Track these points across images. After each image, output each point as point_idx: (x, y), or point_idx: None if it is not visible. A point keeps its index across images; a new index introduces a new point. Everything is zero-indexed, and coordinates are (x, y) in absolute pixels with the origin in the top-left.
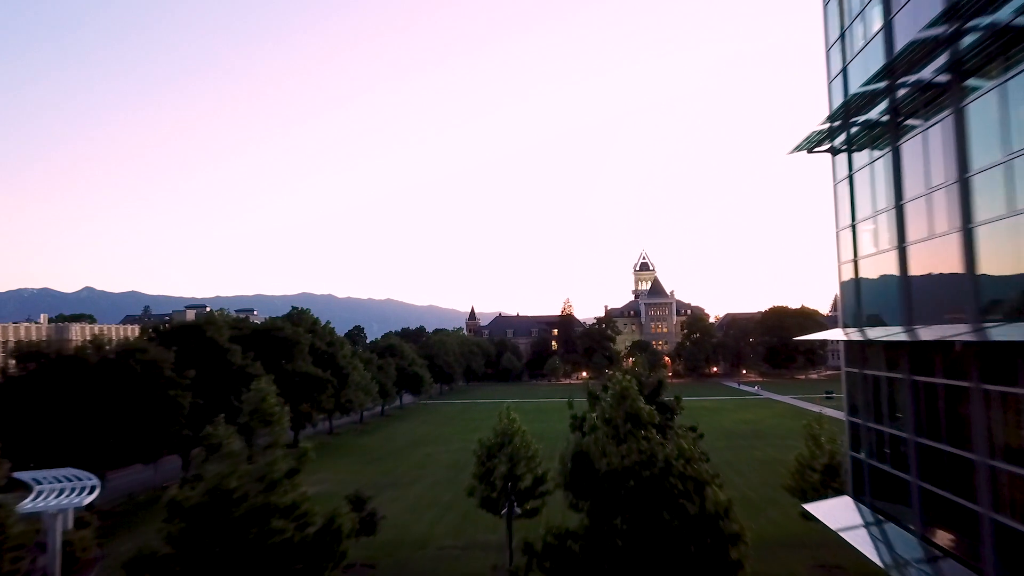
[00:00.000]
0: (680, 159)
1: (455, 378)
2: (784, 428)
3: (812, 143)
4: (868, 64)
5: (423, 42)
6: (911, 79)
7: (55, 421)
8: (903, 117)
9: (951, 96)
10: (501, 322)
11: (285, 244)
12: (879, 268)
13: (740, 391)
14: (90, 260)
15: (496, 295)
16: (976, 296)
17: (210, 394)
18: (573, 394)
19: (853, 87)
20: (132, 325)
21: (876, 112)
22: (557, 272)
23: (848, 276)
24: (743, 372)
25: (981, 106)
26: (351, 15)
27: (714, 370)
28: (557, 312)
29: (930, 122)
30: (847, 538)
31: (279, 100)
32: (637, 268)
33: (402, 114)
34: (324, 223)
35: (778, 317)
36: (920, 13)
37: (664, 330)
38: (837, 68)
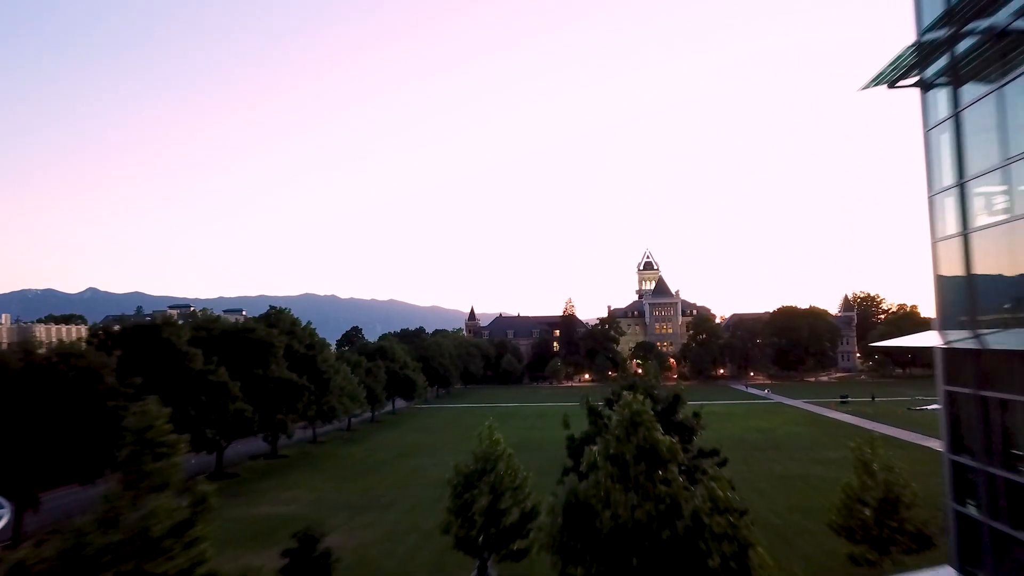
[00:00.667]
0: (684, 155)
1: (452, 381)
2: (802, 437)
3: (896, 72)
4: None
5: (424, 43)
6: None
7: None
8: None
9: None
10: (501, 323)
11: (289, 245)
12: (1005, 245)
13: (749, 394)
14: (94, 261)
15: (498, 295)
16: None
17: (163, 404)
18: (568, 411)
19: None
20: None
21: (1004, 14)
22: (559, 271)
23: (950, 258)
24: (751, 374)
25: None
26: (352, 19)
27: (721, 372)
28: (559, 312)
29: None
30: None
31: (284, 103)
32: (641, 267)
33: (406, 116)
34: (328, 224)
35: (787, 317)
36: None
37: (669, 331)
38: None
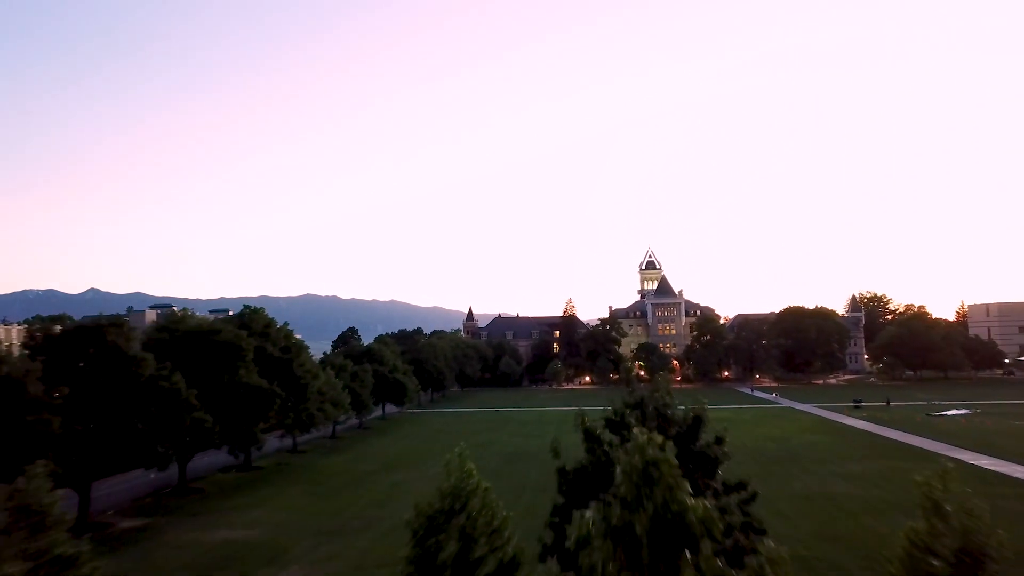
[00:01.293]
0: (686, 153)
1: (447, 384)
2: (819, 447)
3: None
4: None
5: (426, 44)
6: None
7: None
8: None
9: None
10: (500, 323)
11: (291, 246)
12: None
13: (756, 398)
14: (96, 262)
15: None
16: None
17: (105, 416)
18: (562, 423)
19: None
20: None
21: None
22: (559, 271)
23: None
24: (756, 376)
25: None
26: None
27: (726, 374)
28: (559, 313)
29: None
30: None
31: (287, 105)
32: (643, 267)
33: (407, 118)
34: (330, 225)
35: (794, 318)
36: None
37: (672, 332)
38: None
